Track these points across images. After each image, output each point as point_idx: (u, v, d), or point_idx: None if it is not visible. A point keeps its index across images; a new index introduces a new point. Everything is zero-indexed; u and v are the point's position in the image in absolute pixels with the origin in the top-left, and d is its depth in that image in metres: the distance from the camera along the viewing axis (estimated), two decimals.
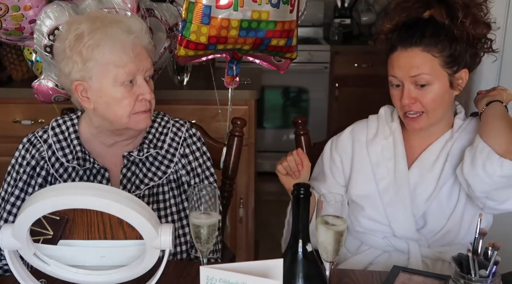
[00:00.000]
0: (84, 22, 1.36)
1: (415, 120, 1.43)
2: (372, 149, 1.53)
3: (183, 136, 1.54)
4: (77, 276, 1.17)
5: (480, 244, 1.06)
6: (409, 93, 1.40)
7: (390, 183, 1.49)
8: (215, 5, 1.52)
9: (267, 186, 3.89)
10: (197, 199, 1.16)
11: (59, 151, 1.46)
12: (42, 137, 1.47)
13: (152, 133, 1.52)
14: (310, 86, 4.12)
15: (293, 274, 1.02)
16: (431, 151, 1.48)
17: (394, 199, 1.48)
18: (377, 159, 1.51)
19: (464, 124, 1.49)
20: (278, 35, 1.62)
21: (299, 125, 1.74)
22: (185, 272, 1.30)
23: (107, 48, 1.33)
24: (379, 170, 1.51)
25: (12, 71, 2.67)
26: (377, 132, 1.54)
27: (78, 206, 1.11)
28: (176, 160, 1.51)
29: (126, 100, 1.37)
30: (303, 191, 1.00)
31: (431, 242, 1.48)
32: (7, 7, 1.61)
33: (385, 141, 1.52)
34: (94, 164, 1.46)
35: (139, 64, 1.36)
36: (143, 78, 1.38)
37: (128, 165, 1.48)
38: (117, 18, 1.42)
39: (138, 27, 1.39)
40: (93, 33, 1.33)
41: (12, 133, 2.53)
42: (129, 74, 1.35)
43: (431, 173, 1.47)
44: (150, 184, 1.48)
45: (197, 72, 2.76)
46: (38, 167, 1.45)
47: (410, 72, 1.39)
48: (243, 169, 2.49)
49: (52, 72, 1.74)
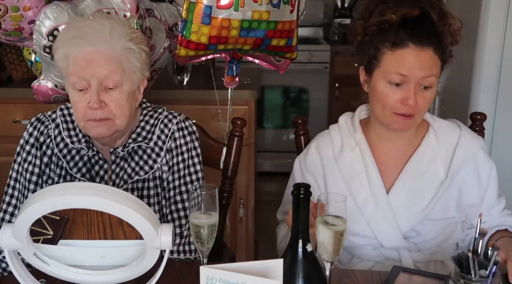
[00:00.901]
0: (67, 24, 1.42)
1: (405, 120, 1.37)
2: (341, 163, 1.47)
3: (172, 128, 1.49)
4: (77, 276, 1.17)
5: (480, 244, 1.06)
6: (415, 94, 1.33)
7: (368, 196, 1.44)
8: (216, 5, 1.52)
9: (267, 186, 3.90)
10: (197, 199, 1.16)
11: (65, 131, 1.47)
12: (51, 116, 1.49)
13: (141, 126, 1.49)
14: (310, 86, 4.12)
15: (293, 274, 1.02)
16: (418, 163, 1.44)
17: (374, 211, 1.43)
18: (348, 173, 1.46)
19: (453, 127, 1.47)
20: (279, 35, 1.62)
21: (299, 125, 1.74)
22: (185, 272, 1.30)
23: (59, 53, 1.36)
24: (353, 184, 1.45)
25: (12, 71, 2.67)
26: (342, 145, 1.49)
27: (78, 206, 1.11)
28: (162, 155, 1.48)
29: (77, 104, 1.36)
30: (303, 191, 1.00)
31: (422, 247, 1.45)
32: (6, 8, 1.61)
33: (352, 153, 1.47)
34: (98, 153, 1.47)
35: (88, 70, 1.32)
36: (97, 86, 1.33)
37: (117, 161, 1.48)
38: (88, 23, 1.38)
39: (96, 35, 1.33)
40: (60, 36, 1.40)
41: (12, 133, 2.53)
42: (78, 80, 1.34)
43: (422, 187, 1.43)
44: (135, 178, 1.47)
45: (197, 72, 2.76)
46: (45, 146, 1.47)
47: (422, 72, 1.32)
48: (243, 169, 2.49)
49: (52, 73, 1.74)
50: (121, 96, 1.36)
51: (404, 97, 1.34)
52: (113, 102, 1.35)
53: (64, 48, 1.35)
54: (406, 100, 1.34)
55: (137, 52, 1.38)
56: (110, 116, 1.36)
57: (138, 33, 1.41)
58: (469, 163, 1.44)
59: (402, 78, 1.33)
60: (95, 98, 1.33)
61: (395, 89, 1.35)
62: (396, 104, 1.35)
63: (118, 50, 1.34)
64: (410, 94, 1.33)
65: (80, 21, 1.42)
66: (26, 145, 1.47)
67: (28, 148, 1.47)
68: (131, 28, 1.43)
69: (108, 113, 1.36)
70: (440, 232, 1.43)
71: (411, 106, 1.34)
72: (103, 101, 1.34)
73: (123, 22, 1.42)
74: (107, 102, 1.35)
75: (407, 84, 1.34)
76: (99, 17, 1.43)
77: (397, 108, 1.36)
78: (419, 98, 1.34)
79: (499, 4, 2.18)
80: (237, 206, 2.60)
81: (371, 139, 1.48)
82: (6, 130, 2.56)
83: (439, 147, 1.45)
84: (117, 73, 1.34)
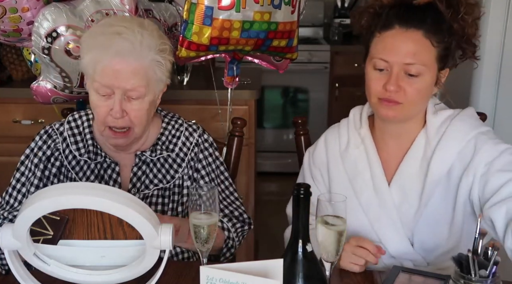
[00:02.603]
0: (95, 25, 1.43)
1: (390, 107, 1.31)
2: (347, 160, 1.44)
3: (194, 142, 1.53)
4: (77, 276, 1.17)
5: (480, 244, 1.06)
6: (397, 80, 1.28)
7: (371, 196, 1.40)
8: (217, 6, 1.52)
9: (267, 186, 3.90)
10: (197, 199, 1.16)
11: (73, 144, 1.48)
12: (59, 129, 1.50)
13: (166, 134, 1.52)
14: (310, 86, 4.12)
15: (293, 274, 1.02)
16: (409, 164, 1.38)
17: (379, 213, 1.39)
18: (352, 171, 1.42)
19: (443, 125, 1.37)
20: (280, 36, 1.62)
21: (299, 125, 1.74)
22: (185, 272, 1.30)
23: (87, 57, 1.35)
24: (357, 183, 1.41)
25: (12, 71, 2.67)
26: (348, 141, 1.46)
27: (78, 206, 1.11)
28: (184, 165, 1.51)
29: (99, 108, 1.37)
30: (303, 191, 1.00)
31: (430, 260, 1.39)
32: (4, 9, 1.60)
33: (357, 150, 1.43)
34: (106, 158, 1.48)
35: (114, 83, 1.33)
36: (120, 96, 1.34)
37: (139, 164, 1.49)
38: (120, 30, 1.34)
39: (127, 47, 1.32)
40: (91, 35, 1.38)
41: (12, 133, 2.53)
42: (102, 87, 1.34)
43: (412, 189, 1.37)
44: (159, 185, 1.49)
45: (197, 72, 2.76)
46: (53, 158, 1.47)
47: (405, 59, 1.27)
48: (243, 169, 2.48)
49: (51, 74, 1.74)
50: (143, 106, 1.38)
51: (385, 82, 1.30)
52: (134, 112, 1.37)
53: (93, 53, 1.34)
54: (386, 85, 1.29)
55: (164, 64, 1.38)
56: (129, 124, 1.38)
57: (167, 45, 1.40)
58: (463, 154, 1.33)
59: (385, 63, 1.30)
60: (118, 108, 1.34)
61: (379, 74, 1.31)
62: (379, 89, 1.31)
63: (146, 62, 1.35)
64: (391, 79, 1.28)
65: (112, 24, 1.37)
66: (34, 157, 1.47)
67: (36, 160, 1.47)
68: (161, 37, 1.40)
69: (128, 121, 1.38)
70: (443, 240, 1.36)
71: (391, 91, 1.28)
72: (124, 110, 1.36)
73: (154, 31, 1.39)
74: (128, 111, 1.37)
75: (390, 69, 1.29)
76: (131, 22, 1.38)
77: (379, 93, 1.32)
78: (403, 84, 1.29)
79: (499, 4, 2.18)
80: None
81: (375, 135, 1.45)
82: (6, 130, 2.56)
83: (429, 145, 1.37)
84: (142, 86, 1.35)
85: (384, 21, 1.31)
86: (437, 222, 1.37)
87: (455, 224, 1.36)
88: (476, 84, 2.29)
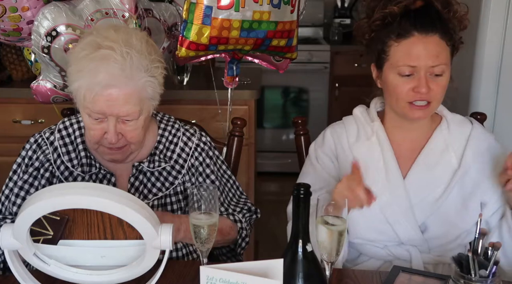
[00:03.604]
0: (81, 43, 1.33)
1: (422, 109, 1.38)
2: (357, 151, 1.47)
3: (193, 147, 1.52)
4: (77, 276, 1.17)
5: (480, 244, 1.06)
6: (427, 82, 1.34)
7: (384, 185, 1.43)
8: (217, 6, 1.52)
9: (267, 186, 3.90)
10: (197, 199, 1.16)
11: (64, 155, 1.45)
12: (49, 139, 1.46)
13: (163, 142, 1.50)
14: (310, 86, 4.12)
15: (293, 274, 1.02)
16: (429, 156, 1.44)
17: (390, 200, 1.43)
18: (364, 162, 1.41)
19: (465, 125, 1.48)
20: (279, 36, 1.62)
21: (299, 125, 1.74)
22: (185, 272, 1.30)
23: (76, 84, 1.30)
24: (370, 172, 1.42)
25: (12, 71, 2.67)
26: (358, 134, 1.50)
27: (78, 206, 1.11)
28: (184, 172, 1.50)
29: (92, 131, 1.35)
30: (303, 191, 1.00)
31: (433, 246, 1.44)
32: (4, 8, 1.60)
33: (369, 141, 1.48)
34: (100, 169, 1.45)
35: (106, 110, 1.30)
36: (114, 121, 1.32)
37: (137, 174, 1.47)
38: (108, 55, 1.27)
39: (117, 73, 1.27)
40: (79, 60, 1.30)
41: (12, 133, 2.53)
42: (96, 114, 1.31)
43: (431, 181, 1.43)
44: (158, 195, 1.47)
45: (197, 72, 2.76)
46: (43, 169, 1.44)
47: (430, 61, 1.34)
48: (243, 169, 2.48)
49: (51, 73, 1.74)
50: (138, 125, 1.36)
51: (416, 85, 1.35)
52: (130, 133, 1.35)
53: (82, 81, 1.29)
54: (417, 88, 1.35)
55: (156, 81, 1.35)
56: (125, 143, 1.37)
57: (158, 62, 1.35)
58: (484, 155, 1.44)
59: (411, 69, 1.35)
60: (113, 133, 1.32)
61: (405, 79, 1.37)
62: (408, 93, 1.37)
63: (139, 85, 1.31)
64: (421, 82, 1.34)
65: (98, 44, 1.29)
66: (25, 167, 1.45)
67: (29, 170, 1.45)
68: (150, 53, 1.34)
69: (123, 141, 1.36)
70: (448, 230, 1.42)
71: (423, 93, 1.35)
72: (120, 133, 1.34)
73: (143, 46, 1.33)
74: (123, 133, 1.35)
75: (417, 73, 1.35)
76: (117, 40, 1.29)
77: (410, 97, 1.37)
78: (431, 84, 1.35)
79: (499, 4, 2.18)
80: None
81: (387, 129, 1.49)
82: (6, 130, 2.56)
83: (452, 137, 1.45)
84: (136, 111, 1.32)
85: (399, 30, 1.36)
86: (455, 212, 1.42)
87: (469, 214, 1.42)
88: (476, 84, 2.29)
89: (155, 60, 1.35)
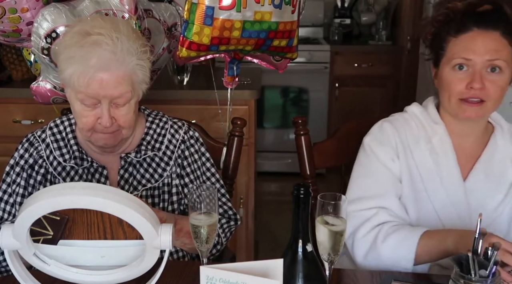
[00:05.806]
0: (69, 32, 1.35)
1: (474, 107, 1.33)
2: (418, 154, 1.42)
3: (180, 139, 1.53)
4: (77, 276, 1.17)
5: (480, 244, 1.06)
6: (482, 77, 1.30)
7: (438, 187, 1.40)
8: (218, 6, 1.52)
9: (267, 186, 3.90)
10: (197, 199, 1.16)
11: (56, 150, 1.47)
12: (41, 136, 1.49)
13: (150, 134, 1.52)
14: (310, 86, 4.12)
15: (293, 274, 1.02)
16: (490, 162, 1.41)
17: (448, 204, 1.39)
18: (425, 166, 1.40)
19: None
20: (280, 36, 1.62)
21: (299, 125, 1.74)
22: (185, 272, 1.30)
23: (69, 70, 1.31)
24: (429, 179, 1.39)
25: (12, 71, 2.67)
26: (418, 135, 1.44)
27: (78, 206, 1.11)
28: (171, 163, 1.51)
29: (84, 118, 1.36)
30: (303, 191, 1.00)
31: None
32: (4, 9, 1.60)
33: (430, 144, 1.42)
34: (92, 163, 1.47)
35: (100, 92, 1.31)
36: (107, 104, 1.34)
37: (126, 166, 1.48)
38: (98, 40, 1.30)
39: (109, 57, 1.30)
40: (69, 47, 1.32)
41: (12, 133, 2.54)
42: (87, 98, 1.33)
43: (493, 187, 1.40)
44: (147, 185, 1.48)
45: (197, 72, 2.76)
46: (37, 166, 1.46)
47: (487, 55, 1.30)
48: (243, 169, 2.49)
49: (50, 74, 1.74)
50: (130, 110, 1.38)
51: (470, 80, 1.31)
52: (123, 117, 1.37)
53: (75, 67, 1.30)
54: (471, 83, 1.31)
55: (146, 66, 1.38)
56: (118, 128, 1.38)
57: (146, 46, 1.39)
58: None
59: (466, 61, 1.31)
60: (107, 117, 1.34)
61: (460, 74, 1.33)
62: (461, 89, 1.33)
63: (130, 68, 1.34)
64: (475, 76, 1.30)
65: (88, 32, 1.32)
66: (16, 166, 1.47)
67: (18, 169, 1.47)
68: (138, 37, 1.38)
69: (116, 126, 1.37)
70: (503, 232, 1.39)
71: (477, 89, 1.30)
72: (113, 117, 1.36)
73: (130, 33, 1.36)
74: (116, 117, 1.36)
75: (472, 68, 1.31)
76: (105, 27, 1.33)
77: (463, 93, 1.33)
78: (486, 82, 1.31)
79: None
80: (237, 206, 2.60)
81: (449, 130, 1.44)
82: (6, 130, 2.56)
83: (508, 148, 1.42)
84: (128, 92, 1.35)
85: (459, 26, 1.33)
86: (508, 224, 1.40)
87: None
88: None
89: (143, 45, 1.37)
